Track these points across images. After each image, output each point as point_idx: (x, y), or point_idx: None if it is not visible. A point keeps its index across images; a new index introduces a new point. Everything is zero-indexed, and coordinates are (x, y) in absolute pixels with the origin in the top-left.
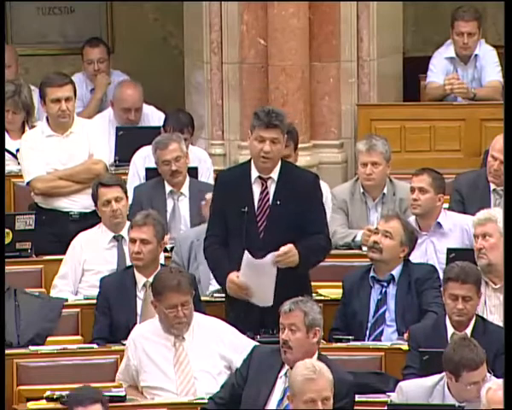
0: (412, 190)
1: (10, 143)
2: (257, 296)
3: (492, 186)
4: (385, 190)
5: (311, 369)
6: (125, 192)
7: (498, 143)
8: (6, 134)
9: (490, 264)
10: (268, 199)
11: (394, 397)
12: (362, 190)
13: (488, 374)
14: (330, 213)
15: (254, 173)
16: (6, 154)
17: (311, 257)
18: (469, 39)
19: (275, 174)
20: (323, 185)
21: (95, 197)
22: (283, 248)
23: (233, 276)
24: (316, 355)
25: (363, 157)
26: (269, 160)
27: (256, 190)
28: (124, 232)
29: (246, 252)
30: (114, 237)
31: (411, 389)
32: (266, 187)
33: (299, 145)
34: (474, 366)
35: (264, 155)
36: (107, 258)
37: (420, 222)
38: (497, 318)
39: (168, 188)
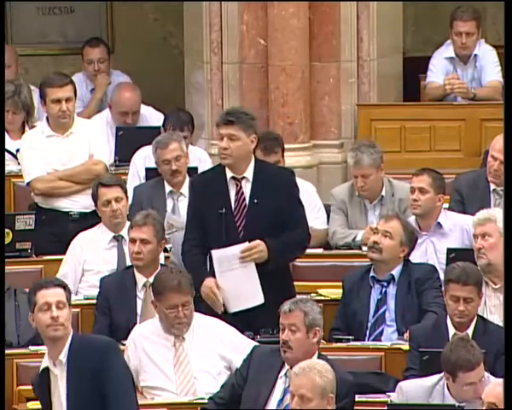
0: (412, 190)
1: (10, 143)
2: (244, 296)
3: (492, 186)
4: (383, 192)
5: (301, 366)
6: (125, 192)
7: (498, 143)
8: (6, 134)
9: (489, 264)
10: (244, 199)
11: (394, 397)
12: (358, 193)
13: (486, 374)
14: (307, 207)
15: (229, 174)
16: (6, 154)
17: (283, 252)
18: (467, 39)
19: (249, 174)
20: (307, 184)
21: (95, 197)
22: (249, 244)
23: (209, 281)
24: (316, 355)
25: (352, 170)
26: (227, 156)
27: (231, 190)
28: (124, 232)
29: (212, 251)
30: (114, 237)
31: (411, 389)
32: (241, 187)
33: (300, 145)
34: (470, 366)
35: (222, 151)
36: (107, 258)
37: (420, 222)
38: (497, 318)
39: (168, 188)
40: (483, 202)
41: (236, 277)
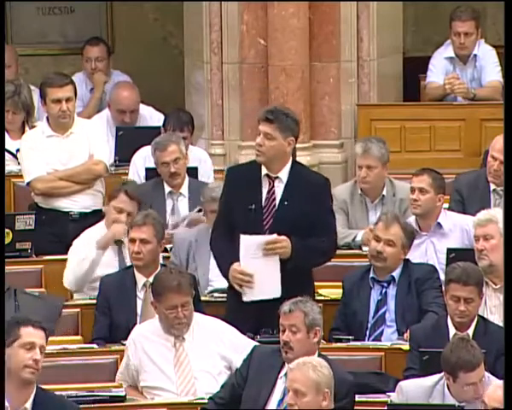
0: (412, 190)
1: (10, 143)
2: (263, 286)
3: (492, 186)
4: (384, 191)
5: (296, 361)
6: (139, 209)
7: (498, 143)
8: (6, 134)
9: (491, 265)
10: (274, 198)
11: (394, 397)
12: (360, 192)
13: (487, 375)
14: None
15: (263, 171)
16: (6, 154)
17: (306, 256)
18: (466, 39)
19: (283, 174)
20: None
21: (112, 196)
22: (275, 237)
23: (236, 265)
24: (316, 355)
25: (358, 160)
26: (260, 153)
27: (264, 188)
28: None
29: (241, 235)
30: (114, 241)
31: (411, 388)
32: (273, 186)
33: (300, 145)
34: (470, 367)
35: (257, 147)
36: (105, 260)
37: (420, 222)
38: (497, 318)
39: (167, 188)
40: (483, 202)
41: (259, 266)
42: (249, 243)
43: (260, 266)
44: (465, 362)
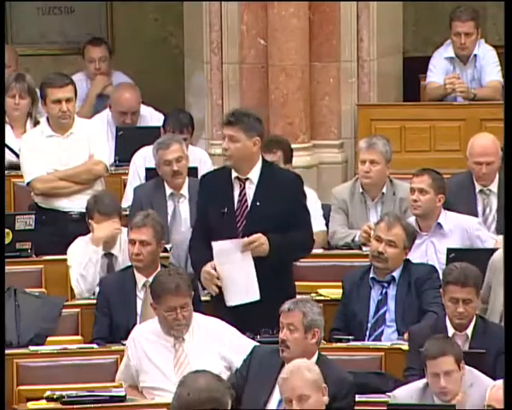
0: (412, 190)
1: (14, 141)
2: (240, 290)
3: (478, 187)
4: (384, 190)
5: (288, 369)
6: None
7: (474, 148)
8: (10, 130)
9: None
10: (246, 200)
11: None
12: (361, 190)
13: (470, 373)
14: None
15: (234, 174)
16: (10, 153)
17: (285, 249)
18: (467, 39)
19: (254, 175)
20: (308, 190)
21: (89, 211)
22: (251, 237)
23: (207, 266)
24: (316, 356)
25: (362, 154)
26: (229, 157)
27: (235, 190)
28: (115, 250)
29: (212, 242)
30: (105, 254)
31: (403, 395)
32: (244, 188)
33: (300, 145)
34: (433, 354)
35: (224, 152)
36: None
37: (420, 223)
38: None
39: (168, 190)
40: (469, 202)
41: (234, 270)
42: (220, 249)
43: (235, 271)
44: (431, 347)
